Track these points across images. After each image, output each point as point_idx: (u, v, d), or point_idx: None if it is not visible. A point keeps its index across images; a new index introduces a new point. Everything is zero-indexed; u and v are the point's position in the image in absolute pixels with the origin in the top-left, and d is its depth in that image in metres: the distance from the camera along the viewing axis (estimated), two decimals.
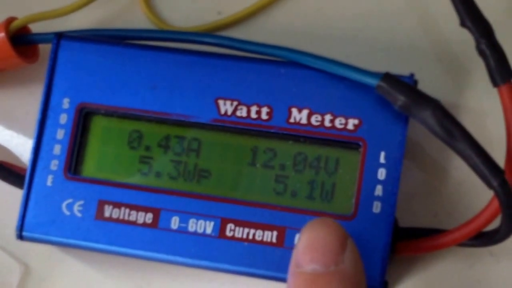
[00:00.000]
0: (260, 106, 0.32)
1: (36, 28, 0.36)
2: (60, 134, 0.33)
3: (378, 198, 0.31)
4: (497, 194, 0.29)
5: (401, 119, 0.31)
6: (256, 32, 0.37)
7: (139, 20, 0.38)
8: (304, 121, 0.32)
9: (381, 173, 0.31)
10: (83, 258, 0.36)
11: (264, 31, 0.37)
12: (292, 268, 0.27)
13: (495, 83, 0.31)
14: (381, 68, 0.31)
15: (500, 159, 0.30)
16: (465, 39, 0.31)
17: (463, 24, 0.31)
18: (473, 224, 0.31)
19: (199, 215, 0.32)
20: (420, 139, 0.34)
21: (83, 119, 0.33)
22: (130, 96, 0.33)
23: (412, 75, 0.31)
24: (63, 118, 0.33)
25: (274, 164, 0.32)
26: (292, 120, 0.32)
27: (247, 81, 0.33)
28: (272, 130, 0.32)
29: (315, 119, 0.32)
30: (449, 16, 0.32)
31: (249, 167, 0.32)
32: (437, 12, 0.36)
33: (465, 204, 0.33)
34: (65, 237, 0.33)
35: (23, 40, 0.36)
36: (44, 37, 0.35)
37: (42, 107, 0.33)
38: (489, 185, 0.29)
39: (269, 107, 0.32)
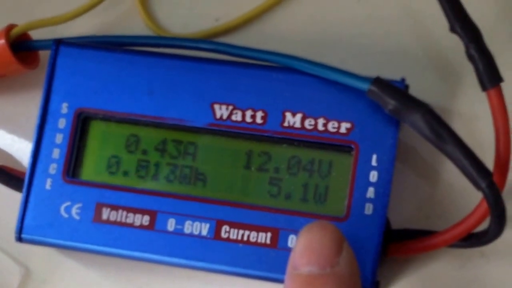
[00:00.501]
0: (255, 111, 0.33)
1: (36, 34, 0.37)
2: (59, 138, 0.34)
3: (370, 200, 0.32)
4: (485, 196, 0.29)
5: (392, 122, 0.32)
6: (252, 38, 0.38)
7: (138, 27, 0.39)
8: (298, 125, 0.33)
9: (373, 176, 0.32)
10: (83, 260, 0.36)
11: (260, 37, 0.38)
12: (289, 270, 0.28)
13: (484, 87, 0.31)
14: (375, 73, 0.32)
15: (491, 161, 0.31)
16: (456, 44, 0.32)
17: (452, 29, 0.32)
18: (463, 225, 0.31)
19: (195, 217, 0.33)
20: (412, 142, 0.35)
21: (81, 124, 0.34)
22: (127, 101, 0.34)
23: (403, 80, 0.32)
24: (62, 123, 0.34)
25: (268, 167, 0.33)
26: (286, 124, 0.33)
27: (242, 86, 0.33)
28: (267, 134, 0.33)
29: (308, 123, 0.33)
30: (440, 22, 0.32)
31: (244, 170, 0.33)
32: (429, 18, 0.36)
33: (456, 206, 0.34)
34: (63, 239, 0.33)
35: (23, 47, 0.36)
36: (43, 44, 0.36)
37: (41, 112, 0.34)
38: (478, 186, 0.29)
39: (263, 111, 0.33)
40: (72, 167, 0.34)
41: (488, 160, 0.30)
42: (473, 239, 0.32)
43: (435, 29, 0.36)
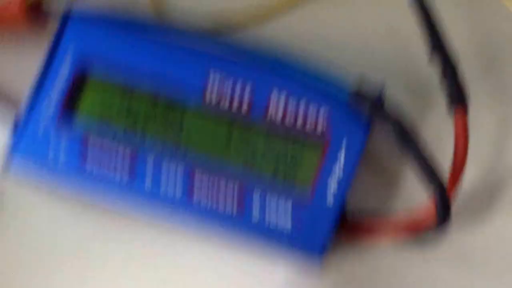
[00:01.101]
0: (241, 97, 0.36)
1: None
2: (58, 87, 0.36)
3: (332, 188, 0.35)
4: (433, 194, 0.33)
5: (365, 126, 0.35)
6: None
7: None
8: (279, 116, 0.36)
9: (339, 169, 0.35)
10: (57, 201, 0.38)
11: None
12: None
13: (451, 110, 0.35)
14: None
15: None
16: (433, 72, 0.36)
17: (431, 55, 0.35)
18: (414, 214, 0.35)
19: (171, 162, 0.35)
20: (378, 150, 0.38)
21: (80, 79, 0.36)
22: (128, 70, 0.36)
23: (381, 91, 0.35)
24: (63, 75, 0.36)
25: (247, 149, 0.36)
26: (269, 115, 0.36)
27: (237, 59, 0.36)
28: (250, 121, 0.36)
29: (289, 115, 0.35)
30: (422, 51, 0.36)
31: (224, 149, 0.36)
32: (411, 42, 0.39)
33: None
34: (50, 179, 0.36)
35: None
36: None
37: (46, 61, 0.36)
38: (428, 185, 0.33)
39: (250, 98, 0.36)
40: (66, 115, 0.36)
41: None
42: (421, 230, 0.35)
43: (416, 57, 0.39)
